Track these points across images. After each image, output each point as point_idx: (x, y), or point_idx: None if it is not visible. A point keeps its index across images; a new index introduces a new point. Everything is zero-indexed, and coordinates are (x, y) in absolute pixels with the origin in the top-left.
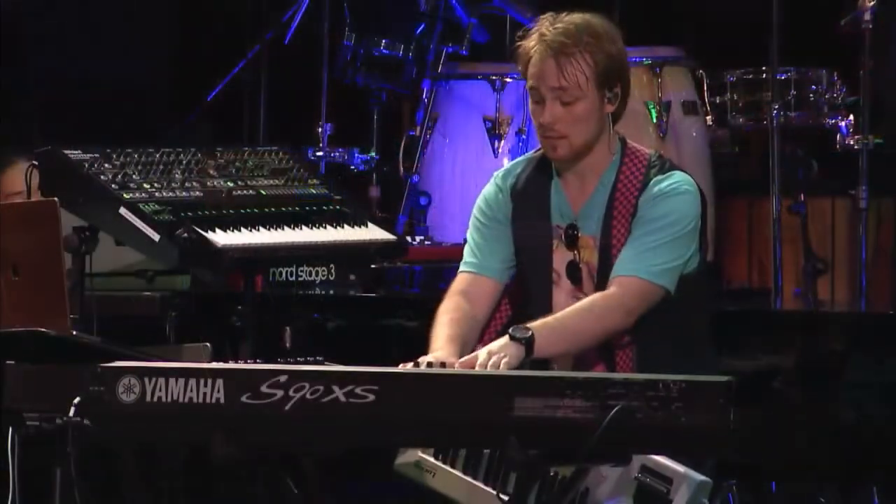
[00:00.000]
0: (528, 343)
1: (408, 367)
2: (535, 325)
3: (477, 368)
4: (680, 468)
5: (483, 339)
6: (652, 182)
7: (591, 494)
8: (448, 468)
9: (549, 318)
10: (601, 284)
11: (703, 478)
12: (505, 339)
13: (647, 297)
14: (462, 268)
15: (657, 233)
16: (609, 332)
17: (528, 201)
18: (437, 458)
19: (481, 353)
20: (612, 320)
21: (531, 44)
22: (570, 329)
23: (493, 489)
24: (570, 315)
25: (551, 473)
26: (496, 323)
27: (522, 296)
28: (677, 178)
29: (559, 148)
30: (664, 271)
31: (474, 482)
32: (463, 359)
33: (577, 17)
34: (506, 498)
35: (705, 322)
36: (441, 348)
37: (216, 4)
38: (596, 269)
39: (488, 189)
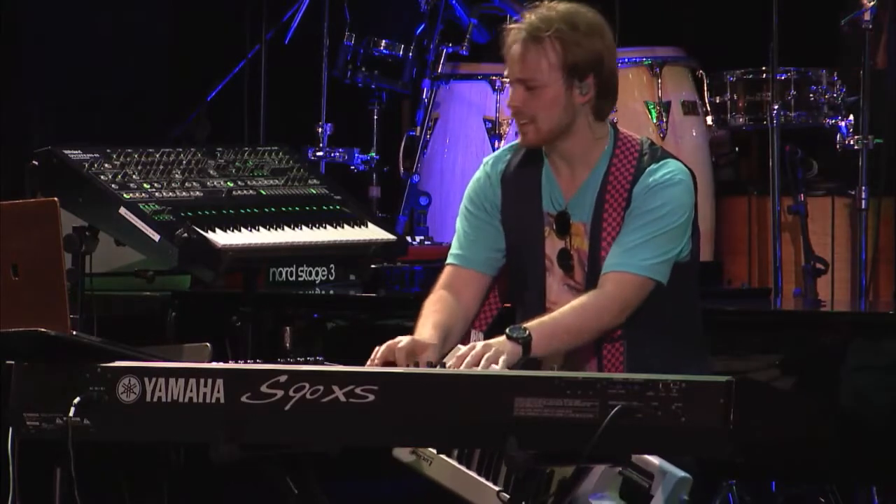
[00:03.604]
0: (526, 343)
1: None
2: (531, 324)
3: (469, 359)
4: (661, 464)
5: (474, 328)
6: (646, 171)
7: (577, 488)
8: (443, 457)
9: (544, 318)
10: (592, 272)
11: (683, 474)
12: (502, 339)
13: (642, 292)
14: (449, 259)
15: (652, 225)
16: (604, 329)
17: (519, 188)
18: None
19: (478, 344)
20: (608, 318)
21: (511, 27)
22: (565, 328)
23: (486, 480)
24: (566, 314)
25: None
26: (487, 314)
27: (516, 283)
28: (671, 166)
29: (527, 133)
30: (658, 265)
31: (468, 472)
32: (460, 351)
33: (563, 6)
34: (497, 488)
35: (697, 309)
36: (424, 334)
37: (216, 4)
38: (587, 257)
39: (477, 176)
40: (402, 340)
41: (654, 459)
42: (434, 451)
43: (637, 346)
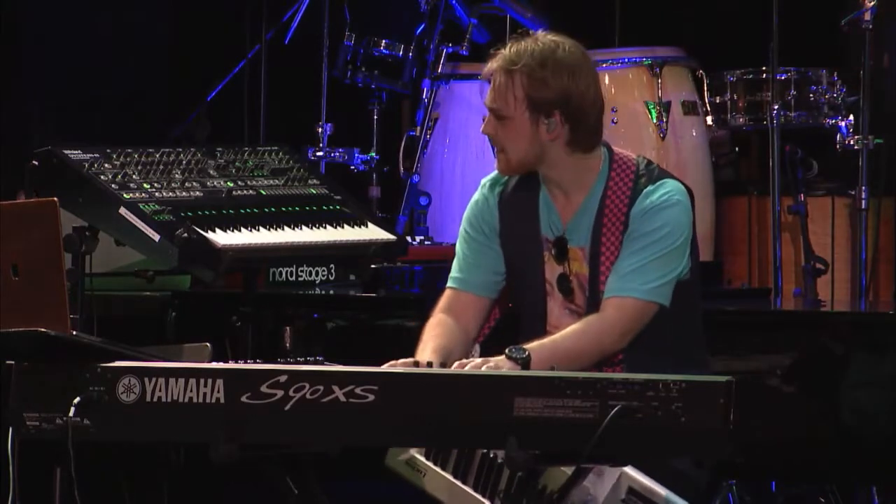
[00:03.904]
0: (525, 363)
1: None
2: (531, 345)
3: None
4: (665, 493)
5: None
6: (643, 193)
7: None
8: (438, 470)
9: (545, 340)
10: (592, 296)
11: None
12: (501, 357)
13: (644, 316)
14: (449, 283)
15: (651, 248)
16: (604, 353)
17: (517, 212)
18: (428, 459)
19: (477, 361)
20: (608, 342)
21: (495, 52)
22: (565, 350)
23: (482, 496)
24: (566, 336)
25: (540, 487)
26: (484, 327)
27: (516, 306)
28: (668, 187)
29: (500, 161)
30: (659, 287)
31: (463, 487)
32: (458, 363)
33: (544, 39)
34: None
35: (698, 327)
36: (422, 358)
37: (216, 4)
38: (587, 281)
39: (475, 198)
40: (402, 362)
41: (660, 489)
42: (430, 463)
43: (637, 369)
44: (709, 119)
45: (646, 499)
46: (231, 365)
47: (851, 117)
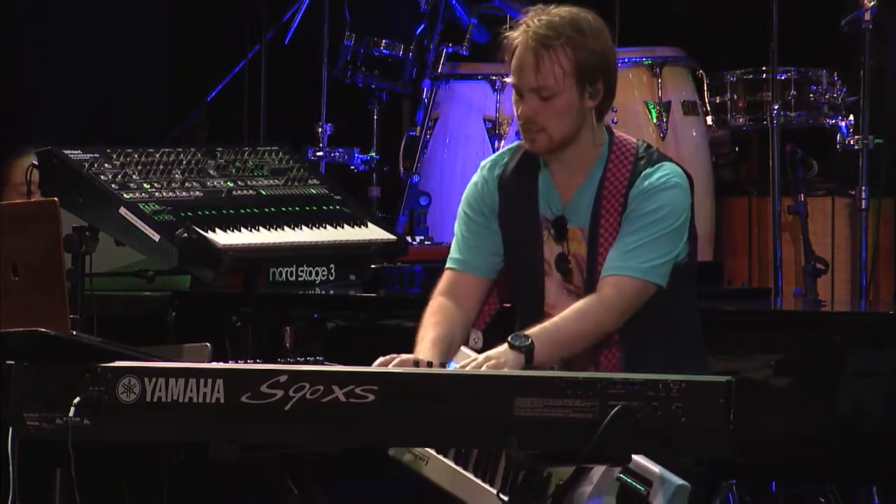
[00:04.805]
0: (529, 351)
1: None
2: (532, 331)
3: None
4: (660, 471)
5: (473, 327)
6: (642, 175)
7: (575, 493)
8: (440, 458)
9: (546, 324)
10: (590, 276)
11: (681, 482)
12: (504, 347)
13: (641, 295)
14: (448, 264)
15: (649, 228)
16: (604, 333)
17: (517, 192)
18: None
19: (479, 358)
20: (608, 322)
21: (515, 35)
22: (567, 334)
23: (483, 481)
24: (567, 319)
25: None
26: (485, 313)
27: (514, 287)
28: (666, 169)
29: (538, 141)
30: (657, 267)
31: (464, 473)
32: (461, 363)
33: (563, 11)
34: (494, 490)
35: (694, 311)
36: (424, 351)
37: (216, 4)
38: (585, 261)
39: (475, 180)
40: (401, 358)
41: (654, 466)
42: (431, 451)
43: (634, 352)
44: (709, 119)
45: (640, 476)
46: (231, 365)
47: (851, 117)
